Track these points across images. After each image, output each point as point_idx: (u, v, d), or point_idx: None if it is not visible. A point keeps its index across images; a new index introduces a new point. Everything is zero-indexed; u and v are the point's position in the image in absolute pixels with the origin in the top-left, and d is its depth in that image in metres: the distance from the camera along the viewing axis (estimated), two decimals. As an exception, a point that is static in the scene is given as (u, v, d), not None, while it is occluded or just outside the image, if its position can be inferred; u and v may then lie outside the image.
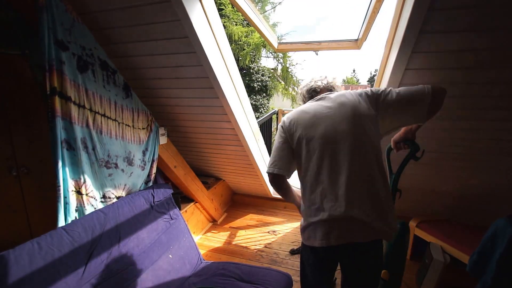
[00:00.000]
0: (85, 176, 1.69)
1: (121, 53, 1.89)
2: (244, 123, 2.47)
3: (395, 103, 1.26)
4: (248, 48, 8.81)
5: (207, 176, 3.51)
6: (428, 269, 2.10)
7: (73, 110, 1.58)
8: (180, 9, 1.48)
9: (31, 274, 1.28)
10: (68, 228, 1.53)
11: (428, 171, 2.41)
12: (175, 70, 1.95)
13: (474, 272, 1.69)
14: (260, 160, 3.01)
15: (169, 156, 2.49)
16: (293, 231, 3.19)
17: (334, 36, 57.32)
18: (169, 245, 2.04)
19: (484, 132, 1.89)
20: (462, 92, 1.66)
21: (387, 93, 1.29)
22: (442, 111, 1.81)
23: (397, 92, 1.28)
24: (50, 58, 1.46)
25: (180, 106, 2.35)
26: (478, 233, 2.10)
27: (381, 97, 1.29)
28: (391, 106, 1.27)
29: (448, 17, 1.31)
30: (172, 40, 1.71)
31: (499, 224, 1.60)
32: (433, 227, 2.39)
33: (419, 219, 2.51)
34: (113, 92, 1.85)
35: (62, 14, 1.50)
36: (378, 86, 1.93)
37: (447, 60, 1.51)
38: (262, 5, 8.53)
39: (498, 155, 2.02)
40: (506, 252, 1.48)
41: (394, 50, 1.58)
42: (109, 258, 1.65)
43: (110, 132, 1.84)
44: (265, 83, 10.80)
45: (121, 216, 1.83)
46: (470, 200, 2.57)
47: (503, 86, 1.57)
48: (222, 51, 1.92)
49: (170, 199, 2.30)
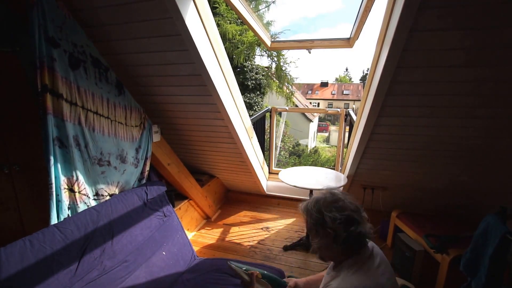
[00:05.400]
0: (78, 173, 1.68)
1: (114, 51, 1.88)
2: (237, 120, 2.48)
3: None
4: (242, 47, 8.78)
5: (201, 173, 3.51)
6: (414, 262, 2.17)
7: (65, 108, 1.57)
8: (172, 7, 1.48)
9: (22, 272, 1.28)
10: (61, 225, 1.53)
11: (418, 169, 2.45)
12: (167, 67, 1.95)
13: (467, 270, 1.72)
14: (254, 158, 3.02)
15: (162, 154, 2.49)
16: (286, 227, 3.21)
17: (328, 35, 57.17)
18: (162, 242, 2.04)
19: (474, 129, 1.92)
20: (452, 90, 1.69)
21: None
22: (432, 109, 1.86)
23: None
24: (41, 55, 1.45)
25: (173, 104, 2.35)
26: (447, 222, 2.42)
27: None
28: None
29: (438, 15, 1.34)
30: (165, 37, 1.71)
31: (490, 221, 1.63)
32: (409, 218, 2.53)
33: (399, 211, 2.68)
34: (106, 89, 1.85)
35: (53, 11, 1.49)
36: (370, 84, 1.96)
37: (437, 58, 1.54)
38: (255, 4, 8.51)
39: (486, 152, 2.06)
40: (498, 249, 1.52)
41: (385, 48, 1.60)
42: (102, 256, 1.65)
43: (103, 129, 1.84)
44: (259, 81, 10.79)
45: (114, 214, 1.82)
46: (459, 196, 2.62)
47: (491, 84, 1.60)
48: (215, 48, 1.92)
49: (164, 196, 2.31)
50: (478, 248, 1.67)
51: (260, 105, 11.02)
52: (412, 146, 2.22)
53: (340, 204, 1.08)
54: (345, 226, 1.04)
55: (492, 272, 1.55)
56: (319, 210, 1.09)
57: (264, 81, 10.89)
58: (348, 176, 2.79)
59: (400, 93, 1.80)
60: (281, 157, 11.44)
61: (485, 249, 1.62)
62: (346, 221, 1.04)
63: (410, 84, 1.73)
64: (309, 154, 14.11)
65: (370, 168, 2.65)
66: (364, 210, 1.12)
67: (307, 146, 16.59)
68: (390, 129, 2.11)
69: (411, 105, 1.87)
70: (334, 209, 1.07)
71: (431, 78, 1.66)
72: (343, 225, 1.03)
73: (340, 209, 1.07)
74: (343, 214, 1.05)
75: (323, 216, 1.07)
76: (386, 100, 1.85)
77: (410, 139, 2.15)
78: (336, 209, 1.06)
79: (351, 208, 1.08)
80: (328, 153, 16.66)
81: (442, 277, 2.02)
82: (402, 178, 2.66)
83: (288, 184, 2.45)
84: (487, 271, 1.55)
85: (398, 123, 2.04)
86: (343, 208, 1.07)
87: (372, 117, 2.01)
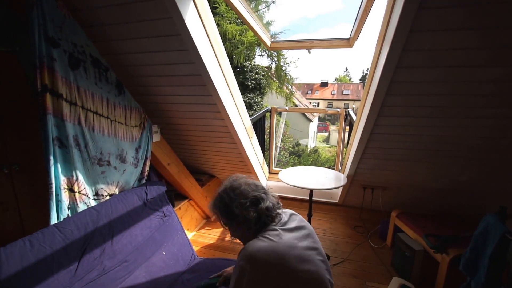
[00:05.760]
0: (78, 173, 1.68)
1: (113, 50, 1.88)
2: (237, 120, 2.48)
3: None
4: (242, 47, 8.79)
5: (201, 173, 3.51)
6: (413, 261, 2.17)
7: (64, 108, 1.57)
8: (172, 7, 1.48)
9: (22, 272, 1.28)
10: (60, 225, 1.53)
11: (418, 169, 2.45)
12: (167, 67, 1.95)
13: (467, 269, 1.72)
14: (253, 157, 3.02)
15: (162, 154, 2.49)
16: (287, 228, 3.21)
17: (328, 35, 57.06)
18: (162, 242, 2.04)
19: (473, 129, 1.93)
20: (452, 90, 1.69)
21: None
22: (431, 109, 1.86)
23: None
24: (41, 55, 1.45)
25: (173, 104, 2.35)
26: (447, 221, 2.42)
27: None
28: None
29: (438, 15, 1.34)
30: (165, 37, 1.71)
31: (490, 221, 1.63)
32: (409, 217, 2.53)
33: (399, 210, 2.68)
34: (106, 89, 1.85)
35: (52, 11, 1.49)
36: (369, 84, 1.96)
37: (437, 58, 1.54)
38: (255, 4, 8.51)
39: (487, 152, 2.07)
40: (497, 249, 1.52)
41: (385, 48, 1.60)
42: (102, 255, 1.65)
43: (103, 129, 1.84)
44: (259, 81, 10.80)
45: (114, 214, 1.82)
46: (459, 196, 2.62)
47: (491, 84, 1.61)
48: (215, 48, 1.92)
49: (164, 196, 2.30)
50: (477, 247, 1.67)
51: (260, 105, 11.02)
52: (412, 146, 2.22)
53: (242, 189, 1.16)
54: (254, 207, 1.12)
55: (491, 272, 1.55)
56: (226, 204, 1.15)
57: (264, 81, 10.90)
58: (348, 176, 2.80)
59: (400, 93, 1.80)
60: (281, 157, 11.45)
61: (484, 249, 1.62)
62: (252, 202, 1.13)
63: (410, 84, 1.73)
64: (309, 154, 14.12)
65: (370, 168, 2.66)
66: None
67: (307, 146, 16.60)
68: (390, 129, 2.11)
69: (411, 105, 1.87)
70: (238, 197, 1.14)
71: (431, 78, 1.66)
72: (252, 208, 1.11)
73: (243, 194, 1.14)
74: (247, 197, 1.13)
75: (232, 208, 1.13)
76: (386, 100, 1.86)
77: (410, 139, 2.15)
78: (240, 196, 1.14)
79: (252, 188, 1.17)
80: (328, 153, 16.67)
81: (441, 276, 2.02)
82: (402, 178, 2.66)
83: (288, 184, 2.44)
84: (487, 270, 1.55)
85: (397, 123, 2.04)
86: (246, 192, 1.15)
87: (372, 117, 2.01)
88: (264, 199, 1.15)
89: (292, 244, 1.06)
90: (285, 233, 1.10)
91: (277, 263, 1.00)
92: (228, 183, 1.22)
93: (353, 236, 2.96)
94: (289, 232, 1.11)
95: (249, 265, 1.01)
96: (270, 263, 1.00)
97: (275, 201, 1.20)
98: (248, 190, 1.17)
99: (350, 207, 3.36)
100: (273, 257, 1.00)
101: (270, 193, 1.22)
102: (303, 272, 1.01)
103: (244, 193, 1.15)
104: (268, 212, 1.13)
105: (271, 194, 1.21)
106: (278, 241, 1.05)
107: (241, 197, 1.14)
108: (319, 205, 3.54)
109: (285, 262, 1.00)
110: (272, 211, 1.15)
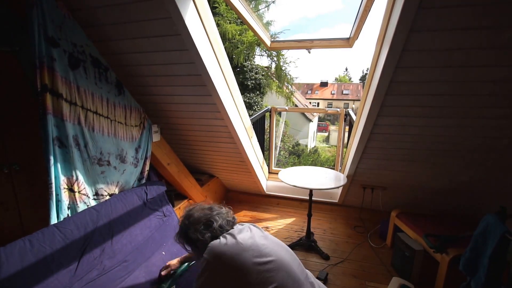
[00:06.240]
0: (77, 173, 1.69)
1: (113, 50, 1.88)
2: (237, 120, 2.48)
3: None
4: (242, 47, 8.78)
5: (200, 173, 3.51)
6: (413, 261, 2.17)
7: (64, 107, 1.58)
8: (172, 7, 1.48)
9: (22, 271, 1.28)
10: (60, 225, 1.53)
11: (418, 169, 2.45)
12: (167, 67, 1.95)
13: (467, 269, 1.72)
14: (253, 157, 3.02)
15: (162, 153, 2.49)
16: (286, 227, 3.21)
17: (327, 35, 57.06)
18: (162, 242, 2.04)
19: (473, 129, 1.93)
20: (451, 90, 1.69)
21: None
22: (431, 109, 1.86)
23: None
24: (41, 55, 1.45)
25: (173, 104, 2.35)
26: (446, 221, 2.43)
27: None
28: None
29: (437, 15, 1.34)
30: (164, 37, 1.71)
31: (490, 221, 1.63)
32: (408, 217, 2.52)
33: (399, 210, 2.68)
34: (105, 89, 1.85)
35: (52, 11, 1.49)
36: (369, 84, 1.96)
37: (437, 58, 1.54)
38: (255, 4, 8.51)
39: (486, 152, 2.07)
40: (497, 249, 1.52)
41: (385, 48, 1.60)
42: (102, 255, 1.65)
43: (103, 129, 1.84)
44: (259, 81, 10.78)
45: (114, 213, 1.83)
46: (459, 196, 2.62)
47: (491, 84, 1.61)
48: (214, 48, 1.92)
49: (163, 196, 2.31)
50: (477, 247, 1.67)
51: (259, 105, 11.01)
52: (412, 146, 2.22)
53: (195, 216, 1.31)
54: (208, 229, 1.25)
55: (491, 272, 1.55)
56: (185, 232, 1.30)
57: (264, 81, 10.88)
58: (347, 176, 2.80)
59: (399, 93, 1.80)
60: (281, 157, 11.44)
61: (484, 249, 1.62)
62: (205, 225, 1.27)
63: (409, 84, 1.73)
64: (308, 154, 14.11)
65: (369, 168, 2.66)
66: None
67: (307, 146, 16.58)
68: (389, 129, 2.11)
69: (410, 105, 1.87)
70: (192, 223, 1.29)
71: (430, 78, 1.66)
72: (206, 230, 1.25)
73: (196, 220, 1.29)
74: (200, 221, 1.28)
75: (189, 235, 1.27)
76: (386, 100, 1.86)
77: (409, 139, 2.15)
78: (193, 222, 1.29)
79: (205, 212, 1.33)
80: (328, 153, 16.66)
81: (441, 276, 2.02)
82: (402, 178, 2.66)
83: (288, 184, 2.44)
84: (487, 270, 1.55)
85: (397, 123, 2.04)
86: (198, 219, 1.29)
87: (372, 117, 2.01)
88: (217, 219, 1.29)
89: (247, 238, 1.21)
90: (238, 234, 1.23)
91: (235, 253, 1.13)
92: (184, 213, 1.38)
93: (353, 236, 2.96)
94: (242, 233, 1.25)
95: (211, 257, 1.14)
96: (227, 254, 1.13)
97: (230, 217, 1.36)
98: (200, 215, 1.31)
99: (350, 207, 3.37)
100: (232, 248, 1.15)
101: (227, 211, 1.38)
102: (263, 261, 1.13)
103: (197, 218, 1.30)
104: (221, 229, 1.27)
105: (227, 213, 1.36)
106: (235, 236, 1.21)
107: (195, 223, 1.28)
108: (319, 205, 3.54)
109: (243, 254, 1.13)
110: (225, 227, 1.29)
